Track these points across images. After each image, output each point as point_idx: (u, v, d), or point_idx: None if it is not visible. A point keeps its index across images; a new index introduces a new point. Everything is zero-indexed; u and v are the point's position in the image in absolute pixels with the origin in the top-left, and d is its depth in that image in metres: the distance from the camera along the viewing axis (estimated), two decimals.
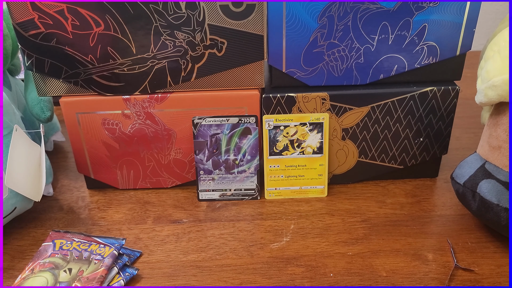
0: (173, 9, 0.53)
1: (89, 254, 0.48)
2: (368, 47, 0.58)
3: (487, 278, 0.50)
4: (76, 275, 0.47)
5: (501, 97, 0.52)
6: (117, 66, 0.57)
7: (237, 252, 0.55)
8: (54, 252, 0.48)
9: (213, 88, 0.59)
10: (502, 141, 0.52)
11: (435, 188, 0.66)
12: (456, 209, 0.61)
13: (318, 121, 0.61)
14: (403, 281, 0.50)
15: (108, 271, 0.46)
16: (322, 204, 0.63)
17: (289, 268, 0.52)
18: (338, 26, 0.56)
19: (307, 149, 0.62)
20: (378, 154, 0.65)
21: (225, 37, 0.56)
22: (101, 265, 0.46)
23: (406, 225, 0.59)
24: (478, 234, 0.57)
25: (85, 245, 0.49)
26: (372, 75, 0.60)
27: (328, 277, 0.51)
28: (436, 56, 0.59)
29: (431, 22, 0.56)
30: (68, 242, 0.49)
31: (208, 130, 0.61)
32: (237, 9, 0.54)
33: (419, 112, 0.62)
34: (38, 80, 0.58)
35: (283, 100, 0.60)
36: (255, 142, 0.61)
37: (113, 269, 0.48)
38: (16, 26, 0.53)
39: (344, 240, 0.56)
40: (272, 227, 0.59)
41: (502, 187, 0.50)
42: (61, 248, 0.49)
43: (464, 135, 0.79)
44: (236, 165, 0.62)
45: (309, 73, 0.59)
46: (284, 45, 0.57)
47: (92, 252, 0.48)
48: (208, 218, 0.61)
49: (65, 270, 0.47)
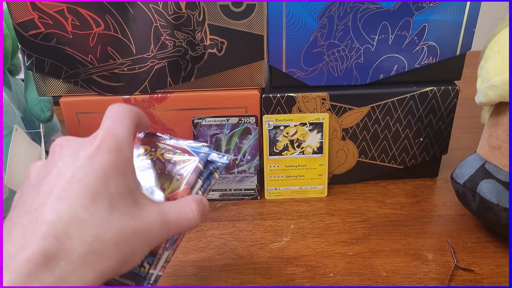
0: (173, 9, 0.53)
1: (172, 166, 0.39)
2: (368, 47, 0.58)
3: (487, 278, 0.50)
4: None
5: (501, 97, 0.52)
6: (117, 66, 0.57)
7: (237, 252, 0.55)
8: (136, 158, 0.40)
9: (213, 88, 0.59)
10: (502, 141, 0.52)
11: (435, 188, 0.66)
12: (456, 209, 0.61)
13: (318, 121, 0.61)
14: (403, 281, 0.50)
15: (191, 189, 0.39)
16: (322, 204, 0.63)
17: (289, 268, 0.52)
18: (338, 26, 0.56)
19: (307, 149, 0.62)
20: (378, 154, 0.65)
21: (225, 37, 0.56)
22: (183, 183, 0.38)
23: (406, 225, 0.59)
24: (478, 234, 0.57)
25: (169, 153, 0.40)
26: (372, 75, 0.60)
27: (328, 277, 0.51)
28: (436, 56, 0.59)
29: (431, 22, 0.56)
30: (153, 150, 0.41)
31: (208, 130, 0.61)
32: (237, 9, 0.54)
33: (419, 112, 0.62)
34: (38, 80, 0.58)
35: (283, 100, 0.60)
36: (255, 142, 0.61)
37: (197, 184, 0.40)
38: (16, 26, 0.54)
39: (344, 240, 0.56)
40: (272, 227, 0.59)
41: (502, 187, 0.50)
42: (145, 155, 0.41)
43: (464, 135, 0.79)
44: (236, 165, 0.62)
45: (309, 73, 0.59)
46: (284, 45, 0.57)
47: (175, 164, 0.39)
48: (208, 218, 0.61)
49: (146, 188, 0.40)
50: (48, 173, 0.30)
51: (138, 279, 0.36)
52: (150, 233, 0.32)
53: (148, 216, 0.32)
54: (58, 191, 0.29)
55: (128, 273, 0.36)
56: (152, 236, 0.32)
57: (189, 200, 0.36)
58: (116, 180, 0.31)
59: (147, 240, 0.31)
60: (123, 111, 0.34)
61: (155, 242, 0.32)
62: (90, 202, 0.29)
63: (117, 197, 0.30)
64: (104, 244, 0.28)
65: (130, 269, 0.32)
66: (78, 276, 0.27)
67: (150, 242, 0.32)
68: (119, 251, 0.29)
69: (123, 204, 0.31)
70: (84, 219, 0.28)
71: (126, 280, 0.36)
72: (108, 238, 0.29)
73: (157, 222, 0.32)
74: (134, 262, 0.31)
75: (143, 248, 0.31)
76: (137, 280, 0.36)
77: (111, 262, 0.29)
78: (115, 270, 0.29)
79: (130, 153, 0.33)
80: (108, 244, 0.29)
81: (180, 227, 0.34)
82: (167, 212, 0.33)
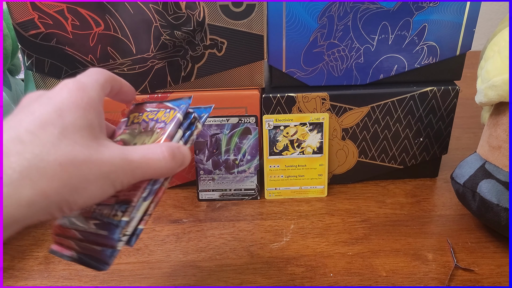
0: (173, 9, 0.53)
1: (154, 123, 0.40)
2: (368, 47, 0.58)
3: (487, 278, 0.50)
4: None
5: (501, 97, 0.52)
6: (117, 66, 0.57)
7: (237, 252, 0.55)
8: (125, 128, 0.41)
9: (213, 88, 0.59)
10: (502, 141, 0.52)
11: (435, 188, 0.66)
12: (456, 209, 0.61)
13: (318, 121, 0.61)
14: (403, 281, 0.50)
15: (171, 139, 0.38)
16: (322, 204, 0.63)
17: (289, 268, 0.52)
18: (338, 26, 0.56)
19: (307, 149, 0.62)
20: (378, 154, 0.65)
21: (225, 37, 0.56)
22: (162, 134, 0.38)
23: (406, 225, 0.59)
24: (478, 234, 0.57)
25: (153, 113, 0.41)
26: (372, 75, 0.60)
27: (328, 277, 0.51)
28: (436, 56, 0.59)
29: (431, 22, 0.56)
30: (140, 114, 0.42)
31: (208, 130, 0.61)
32: (237, 9, 0.54)
33: (419, 112, 0.62)
34: (38, 80, 0.58)
35: (283, 100, 0.60)
36: (255, 142, 0.61)
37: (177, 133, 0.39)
38: (16, 26, 0.54)
39: (344, 240, 0.56)
40: (272, 227, 0.59)
41: (502, 187, 0.50)
42: (133, 122, 0.42)
43: (464, 135, 0.79)
44: (236, 165, 0.62)
45: (309, 73, 0.59)
46: (284, 45, 0.57)
47: (157, 120, 0.40)
48: (208, 218, 0.61)
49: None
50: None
51: (110, 227, 0.35)
52: (107, 165, 0.31)
53: (107, 150, 0.31)
54: (9, 120, 0.30)
55: (102, 223, 0.35)
56: (110, 169, 0.31)
57: (161, 144, 0.35)
58: (73, 113, 0.31)
59: (104, 171, 0.31)
60: (96, 69, 0.35)
61: (116, 178, 0.31)
62: (37, 128, 0.29)
63: (72, 128, 0.30)
64: (47, 163, 0.28)
65: (89, 202, 0.31)
66: (15, 190, 0.27)
67: (108, 175, 0.31)
68: (66, 174, 0.29)
69: (78, 136, 0.30)
70: (26, 141, 0.28)
71: (99, 230, 0.35)
72: (52, 158, 0.28)
73: (116, 156, 0.31)
74: (91, 193, 0.30)
75: (99, 179, 0.30)
76: (109, 229, 0.35)
77: (55, 183, 0.28)
78: (62, 193, 0.29)
79: (95, 94, 0.33)
80: (52, 164, 0.28)
81: (147, 169, 0.33)
82: (130, 151, 0.33)
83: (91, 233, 0.36)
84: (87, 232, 0.36)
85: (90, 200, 0.31)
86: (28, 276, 0.52)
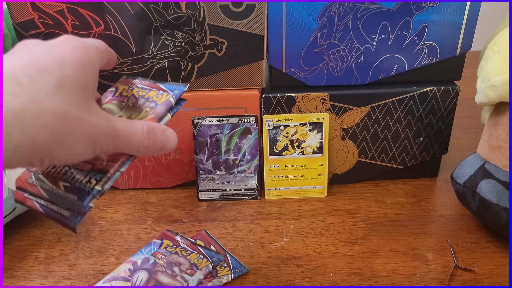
0: (173, 9, 0.53)
1: (145, 101, 0.40)
2: (368, 47, 0.58)
3: (487, 278, 0.50)
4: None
5: (501, 97, 0.52)
6: (117, 66, 0.57)
7: (237, 252, 0.55)
8: (112, 98, 0.41)
9: (213, 88, 0.59)
10: (502, 141, 0.52)
11: (435, 188, 0.66)
12: (456, 209, 0.61)
13: (318, 121, 0.61)
14: (403, 281, 0.50)
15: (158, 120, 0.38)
16: (322, 204, 0.63)
17: (289, 268, 0.52)
18: (338, 26, 0.56)
19: (307, 149, 0.62)
20: (378, 154, 0.65)
21: (225, 37, 0.56)
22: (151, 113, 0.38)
23: (406, 225, 0.59)
24: (478, 234, 0.57)
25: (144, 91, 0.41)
26: (372, 75, 0.60)
27: (328, 277, 0.51)
28: (436, 56, 0.59)
29: (431, 22, 0.56)
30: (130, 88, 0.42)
31: (208, 130, 0.61)
32: (237, 9, 0.54)
33: (419, 112, 0.62)
34: None
35: (283, 100, 0.60)
36: (255, 142, 0.61)
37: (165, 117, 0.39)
38: (16, 26, 0.54)
39: (344, 240, 0.56)
40: (272, 227, 0.59)
41: (502, 187, 0.50)
42: (121, 94, 0.41)
43: (464, 135, 0.79)
44: (236, 165, 0.62)
45: (309, 73, 0.59)
46: (284, 45, 0.57)
47: (148, 99, 0.40)
48: (208, 218, 0.61)
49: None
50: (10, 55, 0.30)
51: (81, 193, 0.35)
52: (94, 126, 0.30)
53: (95, 113, 0.31)
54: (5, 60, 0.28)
55: (72, 188, 0.35)
56: (95, 130, 0.30)
57: (144, 121, 0.35)
58: (73, 69, 0.30)
59: (89, 132, 0.30)
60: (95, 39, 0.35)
61: (99, 141, 0.31)
62: (35, 72, 0.28)
63: (70, 83, 0.29)
64: (42, 110, 0.27)
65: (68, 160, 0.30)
66: (5, 131, 0.26)
67: (92, 136, 0.30)
68: (58, 126, 0.28)
69: (74, 92, 0.29)
70: (23, 82, 0.27)
71: (68, 194, 0.35)
72: (47, 107, 0.27)
73: (102, 121, 0.31)
74: (73, 151, 0.30)
75: (84, 139, 0.30)
76: (80, 195, 0.35)
77: (46, 133, 0.27)
78: (49, 144, 0.28)
79: (95, 58, 0.32)
80: (46, 113, 0.27)
81: (127, 142, 0.33)
82: (116, 121, 0.32)
83: (57, 195, 0.35)
84: (53, 193, 0.36)
85: (70, 158, 0.30)
86: (28, 276, 0.52)
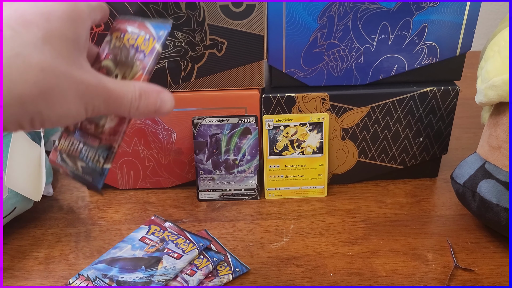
0: (173, 9, 0.53)
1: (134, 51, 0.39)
2: (368, 47, 0.58)
3: (487, 278, 0.50)
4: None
5: (501, 97, 0.52)
6: None
7: (237, 252, 0.55)
8: (109, 52, 0.40)
9: (213, 88, 0.59)
10: (502, 141, 0.52)
11: (435, 188, 0.66)
12: (456, 209, 0.61)
13: (318, 121, 0.61)
14: (403, 281, 0.50)
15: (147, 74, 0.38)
16: (322, 204, 0.63)
17: (289, 268, 0.52)
18: (338, 26, 0.56)
19: (307, 149, 0.62)
20: (378, 154, 0.65)
21: (225, 37, 0.56)
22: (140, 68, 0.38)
23: (406, 225, 0.59)
24: (478, 234, 0.57)
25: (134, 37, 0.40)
26: (372, 75, 0.60)
27: (328, 277, 0.51)
28: (436, 56, 0.59)
29: (431, 22, 0.56)
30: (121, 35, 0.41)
31: (208, 130, 0.61)
32: (237, 9, 0.54)
33: (419, 112, 0.62)
34: None
35: (283, 100, 0.60)
36: (255, 142, 0.61)
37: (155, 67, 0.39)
38: None
39: (344, 240, 0.56)
40: (272, 227, 0.59)
41: (502, 187, 0.50)
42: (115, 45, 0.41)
43: (464, 135, 0.79)
44: (236, 165, 0.62)
45: (309, 73, 0.59)
46: (284, 45, 0.57)
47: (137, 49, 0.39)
48: (208, 218, 0.61)
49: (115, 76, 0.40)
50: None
51: (94, 174, 0.36)
52: (85, 84, 0.28)
53: (86, 71, 0.29)
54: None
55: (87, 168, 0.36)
56: (87, 88, 0.29)
57: (137, 82, 0.34)
58: (62, 22, 0.28)
59: (81, 90, 0.28)
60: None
61: (90, 100, 0.29)
62: (19, 25, 0.26)
63: (59, 37, 0.27)
64: (29, 66, 0.25)
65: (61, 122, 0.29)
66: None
67: (84, 94, 0.28)
68: (47, 82, 0.26)
69: (64, 46, 0.27)
70: (6, 35, 0.25)
71: (85, 175, 0.37)
72: (34, 62, 0.25)
73: (94, 79, 0.29)
74: (65, 110, 0.28)
75: (75, 97, 0.28)
76: (94, 176, 0.36)
77: (34, 89, 0.26)
78: (38, 103, 0.26)
79: (87, 11, 0.30)
80: (34, 68, 0.25)
81: (118, 103, 0.31)
82: (107, 80, 0.31)
83: (78, 175, 0.37)
84: (75, 174, 0.37)
85: (63, 119, 0.28)
86: (28, 276, 0.52)
